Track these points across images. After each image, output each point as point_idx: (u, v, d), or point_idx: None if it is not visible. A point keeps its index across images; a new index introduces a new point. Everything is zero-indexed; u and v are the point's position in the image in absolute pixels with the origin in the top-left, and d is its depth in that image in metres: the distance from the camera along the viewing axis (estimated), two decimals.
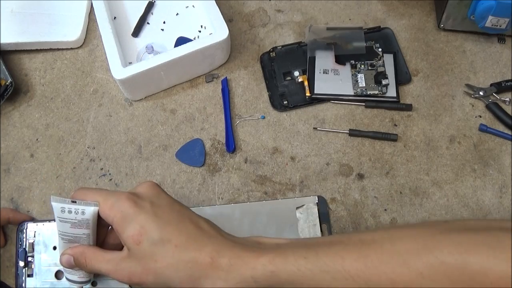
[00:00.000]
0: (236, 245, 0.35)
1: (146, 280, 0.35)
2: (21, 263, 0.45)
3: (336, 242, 0.34)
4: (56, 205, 0.37)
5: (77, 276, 0.40)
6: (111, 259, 0.37)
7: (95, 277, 0.43)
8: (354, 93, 0.53)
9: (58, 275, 0.45)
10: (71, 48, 0.57)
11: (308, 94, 0.53)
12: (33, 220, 0.48)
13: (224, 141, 0.52)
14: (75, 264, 0.38)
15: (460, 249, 0.30)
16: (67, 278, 0.41)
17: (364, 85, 0.53)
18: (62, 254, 0.39)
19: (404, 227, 0.34)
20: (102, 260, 0.37)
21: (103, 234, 0.40)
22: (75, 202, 0.37)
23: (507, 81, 0.53)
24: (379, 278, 0.31)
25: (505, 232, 0.30)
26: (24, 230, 0.47)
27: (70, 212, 0.37)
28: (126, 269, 0.35)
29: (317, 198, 0.47)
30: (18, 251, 0.46)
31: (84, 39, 0.57)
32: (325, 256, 0.33)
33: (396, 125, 0.52)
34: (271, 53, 0.56)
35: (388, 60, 0.54)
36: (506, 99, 0.53)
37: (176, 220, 0.36)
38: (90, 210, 0.37)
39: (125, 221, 0.35)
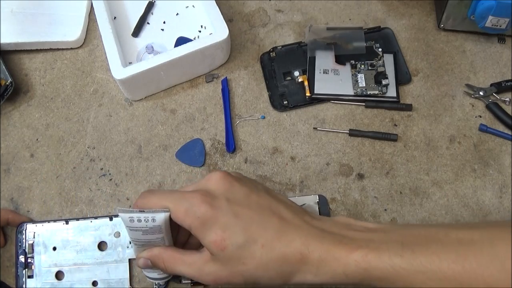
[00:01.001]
0: (325, 237, 0.33)
1: (234, 281, 0.34)
2: (21, 265, 0.45)
3: (433, 240, 0.32)
4: (123, 216, 0.35)
5: (156, 273, 0.39)
6: (192, 262, 0.35)
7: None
8: (354, 93, 0.53)
9: (58, 275, 0.46)
10: (71, 48, 0.57)
11: (308, 94, 0.53)
12: (32, 221, 0.48)
13: (224, 141, 0.52)
14: (153, 266, 0.37)
15: None
16: (146, 276, 0.39)
17: (364, 85, 0.53)
18: (138, 258, 0.38)
19: (503, 228, 0.32)
20: (182, 263, 0.36)
21: (181, 233, 0.39)
22: (143, 211, 0.35)
23: (507, 81, 0.53)
24: (475, 281, 0.30)
25: None
26: (23, 231, 0.47)
27: (139, 221, 0.35)
28: (211, 273, 0.34)
29: (317, 197, 0.47)
30: (18, 252, 0.46)
31: (84, 39, 0.57)
32: (421, 255, 0.31)
33: (396, 125, 0.52)
34: (271, 53, 0.56)
35: (388, 60, 0.54)
36: (506, 99, 0.53)
37: (257, 215, 0.34)
38: (161, 217, 0.34)
39: (204, 227, 0.33)
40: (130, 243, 0.46)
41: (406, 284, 0.32)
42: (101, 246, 0.46)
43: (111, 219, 0.47)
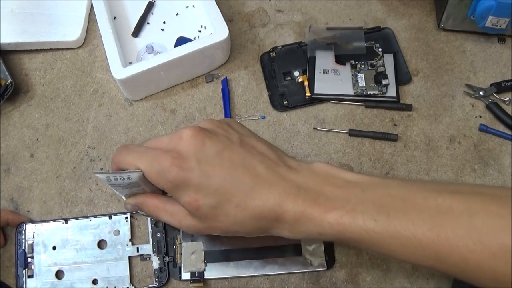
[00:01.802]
0: (300, 194, 0.33)
1: (213, 233, 0.35)
2: (21, 265, 0.46)
3: (411, 204, 0.32)
4: (101, 176, 0.36)
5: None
6: (173, 212, 0.36)
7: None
8: (354, 93, 0.53)
9: (58, 275, 0.46)
10: (71, 48, 0.57)
11: (308, 94, 0.53)
12: (31, 221, 0.48)
13: None
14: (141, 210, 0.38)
15: None
16: (139, 212, 0.41)
17: (364, 85, 0.53)
18: (125, 204, 0.39)
19: (484, 198, 0.31)
20: (165, 212, 0.36)
21: None
22: (118, 172, 0.35)
23: (507, 81, 0.53)
24: (450, 251, 0.30)
25: None
26: (23, 232, 0.47)
27: (116, 179, 0.35)
28: (190, 226, 0.35)
29: None
30: (17, 252, 0.46)
31: (84, 39, 0.57)
32: (396, 220, 0.31)
33: (396, 125, 0.52)
34: (271, 53, 0.56)
35: (388, 60, 0.54)
36: (506, 99, 0.53)
37: (229, 174, 0.33)
38: (135, 176, 0.35)
39: (177, 189, 0.34)
40: (129, 240, 0.46)
41: (379, 248, 0.32)
42: (101, 244, 0.47)
43: (110, 217, 0.47)
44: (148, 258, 0.46)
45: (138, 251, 0.46)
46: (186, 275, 0.45)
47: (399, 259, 0.33)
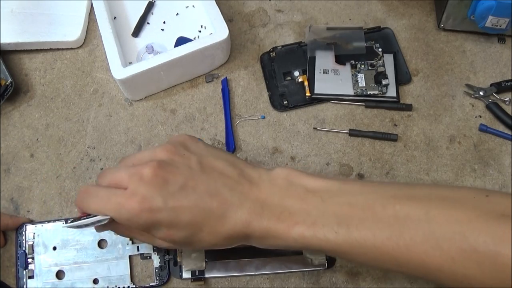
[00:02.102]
0: (264, 213, 0.34)
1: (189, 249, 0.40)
2: (21, 265, 0.46)
3: (370, 213, 0.33)
4: (74, 229, 0.37)
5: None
6: (149, 237, 0.37)
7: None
8: (354, 93, 0.53)
9: (59, 275, 0.46)
10: (71, 48, 0.57)
11: (308, 94, 0.53)
12: (31, 222, 0.48)
13: (224, 141, 0.52)
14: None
15: (495, 240, 0.29)
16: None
17: (364, 85, 0.53)
18: (96, 228, 0.39)
19: (442, 202, 0.32)
20: (140, 234, 0.38)
21: None
22: (87, 222, 0.35)
23: (507, 81, 0.53)
24: (410, 258, 0.31)
25: None
26: (23, 233, 0.47)
27: (87, 226, 0.36)
28: (167, 246, 0.38)
29: None
30: (18, 253, 0.46)
31: (84, 39, 0.57)
32: (356, 232, 0.32)
33: (396, 125, 0.52)
34: (271, 53, 0.56)
35: (388, 60, 0.54)
36: (506, 99, 0.53)
37: (196, 205, 0.34)
38: (105, 221, 0.35)
39: (150, 229, 0.34)
40: (130, 239, 0.46)
41: (342, 256, 0.34)
42: (101, 244, 0.47)
43: None
44: (148, 257, 0.46)
45: (138, 250, 0.46)
46: (186, 274, 0.45)
47: (362, 265, 0.34)
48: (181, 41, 0.55)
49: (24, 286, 0.45)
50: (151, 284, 0.45)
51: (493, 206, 0.32)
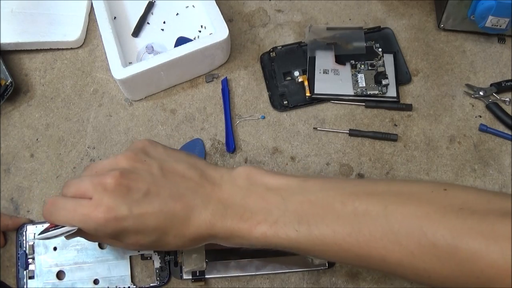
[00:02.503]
0: (227, 214, 0.35)
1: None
2: (22, 266, 0.46)
3: (330, 210, 0.33)
4: (43, 241, 0.39)
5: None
6: (114, 242, 0.38)
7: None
8: (354, 93, 0.53)
9: (59, 275, 0.46)
10: (71, 48, 0.57)
11: (308, 94, 0.53)
12: (32, 222, 0.48)
13: (224, 141, 0.52)
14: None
15: (453, 233, 0.30)
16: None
17: (364, 85, 0.53)
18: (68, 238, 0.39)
19: (400, 198, 0.33)
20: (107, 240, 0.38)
21: None
22: (56, 232, 0.36)
23: (507, 81, 0.53)
24: (370, 253, 0.32)
25: (502, 217, 0.30)
26: (24, 233, 0.47)
27: (57, 237, 0.36)
28: (135, 249, 0.41)
29: None
30: (18, 254, 0.46)
31: (84, 39, 0.57)
32: (316, 229, 0.33)
33: (396, 125, 0.52)
34: (271, 53, 0.56)
35: (388, 60, 0.54)
36: (506, 99, 0.53)
37: (161, 211, 0.35)
38: (74, 231, 0.36)
39: (118, 238, 0.35)
40: None
41: (304, 252, 0.35)
42: (102, 244, 0.47)
43: None
44: (149, 258, 0.46)
45: (139, 251, 0.46)
46: (187, 274, 0.45)
47: (324, 259, 0.35)
48: (181, 41, 0.55)
49: (25, 286, 0.45)
50: (151, 284, 0.45)
51: (451, 200, 0.32)
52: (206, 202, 0.35)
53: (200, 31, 0.56)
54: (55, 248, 0.46)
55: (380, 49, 0.55)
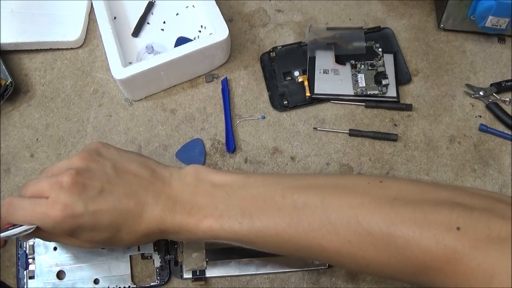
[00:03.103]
0: (176, 210, 0.37)
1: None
2: (22, 266, 0.46)
3: (270, 203, 0.35)
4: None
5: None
6: (72, 240, 0.38)
7: None
8: (354, 93, 0.53)
9: (59, 275, 0.46)
10: (71, 48, 0.57)
11: (308, 94, 0.53)
12: None
13: (224, 141, 0.52)
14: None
15: (387, 222, 0.31)
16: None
17: (364, 85, 0.53)
18: (23, 240, 0.41)
19: (337, 190, 0.35)
20: (64, 239, 0.39)
21: None
22: (15, 231, 0.37)
23: (507, 81, 0.53)
24: (309, 243, 0.33)
25: (435, 206, 0.31)
26: None
27: (15, 235, 0.37)
28: (90, 247, 0.41)
29: None
30: (19, 254, 0.46)
31: (84, 39, 0.57)
32: (258, 221, 0.35)
33: (396, 125, 0.52)
34: (271, 53, 0.56)
35: (388, 60, 0.54)
36: (506, 99, 0.53)
37: (114, 208, 0.36)
38: (31, 229, 0.37)
39: (74, 234, 0.36)
40: None
41: (249, 245, 0.36)
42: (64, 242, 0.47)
43: None
44: (149, 257, 0.46)
45: (139, 250, 0.46)
46: (187, 274, 0.45)
47: (268, 251, 0.36)
48: (181, 41, 0.55)
49: (25, 286, 0.45)
50: (151, 284, 0.46)
51: (386, 191, 0.34)
52: (157, 199, 0.37)
53: (200, 31, 0.56)
54: (55, 248, 0.46)
55: (380, 49, 0.55)
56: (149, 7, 0.58)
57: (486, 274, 0.28)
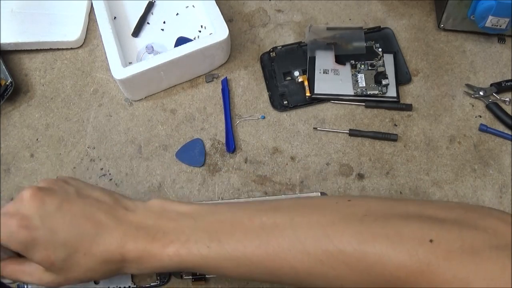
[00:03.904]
0: (139, 235, 0.35)
1: (72, 283, 0.37)
2: None
3: (238, 226, 0.34)
4: None
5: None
6: (32, 272, 0.37)
7: None
8: (354, 93, 0.53)
9: None
10: (71, 48, 0.57)
11: (308, 94, 0.53)
12: None
13: (224, 141, 0.52)
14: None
15: (359, 239, 0.30)
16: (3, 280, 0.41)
17: (364, 85, 0.53)
18: None
19: (306, 209, 0.34)
20: (23, 274, 0.38)
21: None
22: None
23: (507, 81, 0.53)
24: (280, 264, 0.32)
25: (405, 220, 0.31)
26: None
27: None
28: (50, 281, 0.37)
29: (320, 194, 0.47)
30: None
31: (84, 39, 0.57)
32: (227, 244, 0.33)
33: (396, 125, 0.52)
34: (271, 53, 0.56)
35: (388, 60, 0.54)
36: (506, 99, 0.53)
37: (72, 226, 0.35)
38: None
39: (28, 250, 0.35)
40: None
41: (218, 270, 0.34)
42: None
43: None
44: None
45: None
46: (187, 274, 0.45)
47: (238, 279, 0.35)
48: (181, 41, 0.55)
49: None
50: (152, 284, 0.45)
51: (355, 209, 0.33)
52: (118, 223, 0.36)
53: (200, 31, 0.56)
54: None
55: (380, 49, 0.55)
56: (149, 7, 0.58)
57: (462, 284, 0.27)
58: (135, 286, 0.45)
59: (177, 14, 0.58)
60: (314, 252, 0.31)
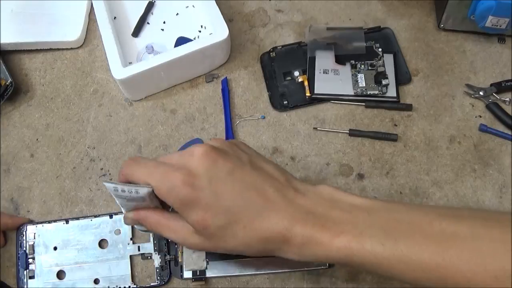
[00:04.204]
0: (309, 219, 0.33)
1: (218, 251, 0.35)
2: (22, 266, 0.46)
3: (416, 229, 0.32)
4: (109, 186, 0.35)
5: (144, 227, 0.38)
6: (177, 230, 0.35)
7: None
8: (354, 93, 0.53)
9: (60, 275, 0.46)
10: (71, 48, 0.57)
11: (308, 94, 0.53)
12: (32, 222, 0.48)
13: None
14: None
15: None
16: (136, 227, 0.40)
17: (364, 85, 0.53)
18: (125, 218, 0.38)
19: (487, 222, 0.32)
20: (168, 229, 0.36)
21: None
22: (127, 184, 0.34)
23: (507, 81, 0.53)
24: (454, 274, 0.31)
25: None
26: (24, 233, 0.47)
27: (123, 191, 0.35)
28: (195, 243, 0.35)
29: None
30: (19, 253, 0.46)
31: (84, 39, 0.57)
32: (403, 245, 0.31)
33: (396, 125, 0.52)
34: (271, 53, 0.56)
35: (388, 60, 0.54)
36: (506, 99, 0.53)
37: (240, 195, 0.33)
38: (144, 191, 0.34)
39: (186, 208, 0.33)
40: (130, 239, 0.46)
41: (386, 271, 0.32)
42: (102, 244, 0.47)
43: (111, 216, 0.47)
44: (149, 257, 0.46)
45: (139, 250, 0.46)
46: (187, 274, 0.45)
47: (402, 281, 0.33)
48: (181, 41, 0.55)
49: (25, 286, 0.45)
50: (152, 284, 0.46)
51: None
52: (287, 204, 0.34)
53: (200, 31, 0.56)
54: (55, 248, 0.46)
55: (380, 49, 0.55)
56: (149, 7, 0.58)
57: None
58: (135, 286, 0.45)
59: (177, 14, 0.58)
60: (491, 267, 0.30)
